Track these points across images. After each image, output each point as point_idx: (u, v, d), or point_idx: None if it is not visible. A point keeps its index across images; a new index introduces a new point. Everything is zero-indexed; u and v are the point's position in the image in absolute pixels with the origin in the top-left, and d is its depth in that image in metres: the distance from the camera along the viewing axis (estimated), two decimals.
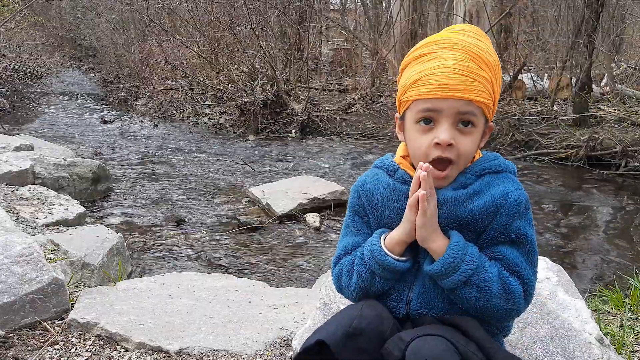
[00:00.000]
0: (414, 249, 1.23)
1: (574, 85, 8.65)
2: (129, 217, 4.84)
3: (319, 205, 5.03)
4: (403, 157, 1.28)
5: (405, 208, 1.21)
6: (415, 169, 1.22)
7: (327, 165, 7.31)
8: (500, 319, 1.19)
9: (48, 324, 1.96)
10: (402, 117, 1.25)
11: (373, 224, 1.30)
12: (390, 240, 1.21)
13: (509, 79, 9.14)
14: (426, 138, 1.17)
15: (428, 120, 1.17)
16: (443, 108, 1.14)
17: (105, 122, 10.66)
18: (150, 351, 1.81)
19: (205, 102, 11.35)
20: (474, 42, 1.16)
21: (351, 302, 1.32)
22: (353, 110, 10.34)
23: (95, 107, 13.04)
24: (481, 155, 1.26)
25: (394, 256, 1.20)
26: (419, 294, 1.22)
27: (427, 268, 1.17)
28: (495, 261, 1.18)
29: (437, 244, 1.16)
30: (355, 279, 1.25)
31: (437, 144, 1.15)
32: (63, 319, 2.01)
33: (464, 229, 1.19)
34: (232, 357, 1.77)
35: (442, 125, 1.15)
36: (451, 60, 1.13)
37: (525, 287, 1.17)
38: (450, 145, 1.14)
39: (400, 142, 1.32)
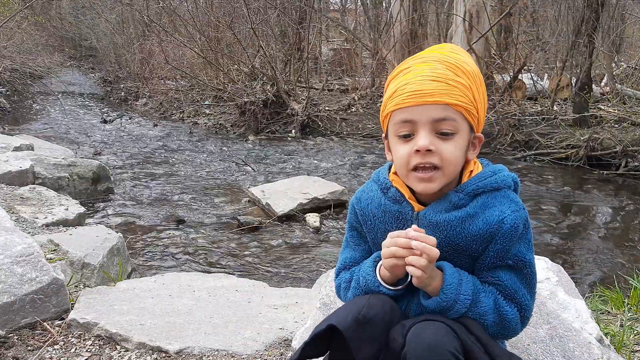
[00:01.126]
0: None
1: (574, 85, 8.65)
2: (129, 217, 4.84)
3: (319, 205, 5.03)
4: (396, 173, 1.26)
5: (394, 229, 1.22)
6: (404, 184, 1.23)
7: (327, 165, 7.31)
8: (497, 340, 1.20)
9: (48, 324, 1.96)
10: (387, 135, 1.24)
11: (370, 241, 1.31)
12: (384, 270, 1.21)
13: (509, 79, 9.14)
14: (406, 148, 1.16)
15: (407, 135, 1.16)
16: (419, 117, 1.13)
17: (105, 122, 10.67)
18: (150, 351, 1.81)
19: (205, 102, 11.36)
20: (451, 54, 1.17)
21: None
22: (353, 110, 10.34)
23: (95, 107, 13.05)
24: (480, 168, 1.23)
25: (388, 286, 1.20)
26: (417, 305, 1.23)
27: (423, 303, 1.17)
28: (493, 286, 1.18)
29: (433, 286, 1.15)
30: (352, 298, 1.28)
31: (417, 151, 1.13)
32: (63, 319, 2.01)
33: (459, 254, 1.19)
34: (232, 357, 1.77)
35: (420, 133, 1.14)
36: (427, 70, 1.14)
37: (523, 313, 1.18)
38: (430, 151, 1.13)
39: None
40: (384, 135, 1.26)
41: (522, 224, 1.16)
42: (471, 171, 1.21)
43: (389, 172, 1.29)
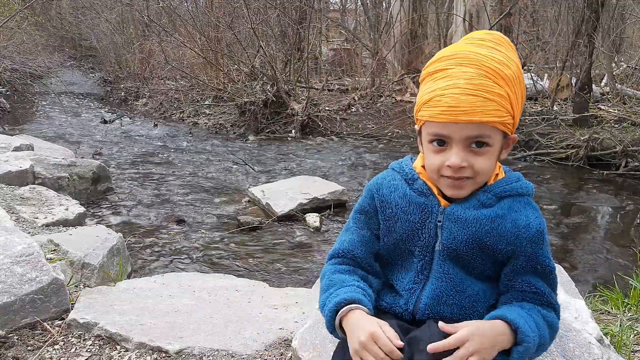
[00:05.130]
0: (420, 272, 1.23)
1: (574, 85, 8.65)
2: (129, 217, 4.84)
3: (319, 205, 5.03)
4: (424, 166, 1.24)
5: (417, 221, 1.20)
6: (431, 182, 1.22)
7: (327, 165, 7.31)
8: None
9: (48, 324, 1.96)
10: (419, 132, 1.23)
11: (384, 231, 1.26)
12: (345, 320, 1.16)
13: None
14: (439, 158, 1.15)
15: (441, 142, 1.15)
16: (452, 134, 1.12)
17: (105, 122, 10.67)
18: (150, 351, 1.81)
19: (205, 102, 11.36)
20: (491, 55, 1.11)
21: None
22: (353, 110, 10.34)
23: (95, 107, 13.04)
24: (503, 173, 1.25)
25: (342, 335, 1.17)
26: (426, 305, 1.22)
27: None
28: (527, 294, 1.18)
29: (500, 346, 1.09)
30: (321, 301, 1.25)
31: (449, 166, 1.13)
32: (63, 319, 2.01)
33: (483, 253, 1.18)
34: (232, 357, 1.77)
35: (453, 149, 1.13)
36: (462, 80, 1.09)
37: (557, 314, 1.20)
38: (462, 167, 1.13)
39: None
40: (417, 128, 1.24)
41: (545, 229, 1.19)
42: (497, 174, 1.23)
43: (412, 163, 1.28)
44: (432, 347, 1.04)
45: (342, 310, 1.15)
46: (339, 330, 1.17)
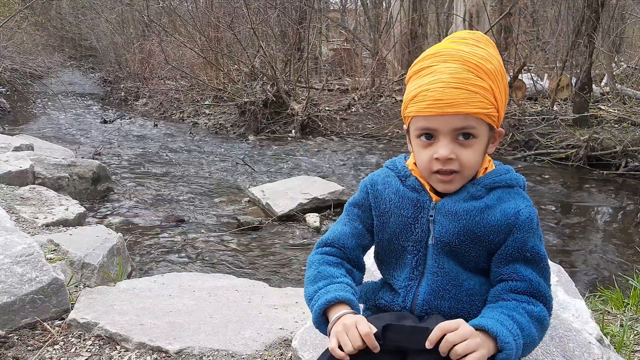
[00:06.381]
0: (415, 268, 1.23)
1: (574, 85, 8.65)
2: (129, 217, 4.84)
3: (318, 205, 5.03)
4: (415, 163, 1.28)
5: (410, 216, 1.22)
6: (423, 179, 1.24)
7: (327, 165, 7.31)
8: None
9: (48, 324, 1.96)
10: (408, 130, 1.26)
11: (378, 227, 1.29)
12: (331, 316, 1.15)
13: (509, 79, 9.14)
14: (427, 153, 1.18)
15: (429, 136, 1.18)
16: (439, 127, 1.15)
17: (105, 122, 10.67)
18: (150, 351, 1.81)
19: (205, 102, 11.36)
20: (472, 51, 1.16)
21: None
22: (353, 110, 10.35)
23: (95, 107, 13.05)
24: (494, 166, 1.26)
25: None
26: (423, 301, 1.22)
27: None
28: (515, 281, 1.18)
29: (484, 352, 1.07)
30: (308, 293, 1.25)
31: (437, 158, 1.16)
32: (63, 319, 2.01)
33: (476, 244, 1.19)
34: (232, 357, 1.77)
35: (441, 141, 1.16)
36: (446, 74, 1.13)
37: (547, 305, 1.18)
38: (450, 159, 1.15)
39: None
40: (405, 128, 1.28)
41: (535, 217, 1.20)
42: (486, 168, 1.25)
43: (405, 162, 1.31)
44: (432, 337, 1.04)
45: (336, 315, 1.14)
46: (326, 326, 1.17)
